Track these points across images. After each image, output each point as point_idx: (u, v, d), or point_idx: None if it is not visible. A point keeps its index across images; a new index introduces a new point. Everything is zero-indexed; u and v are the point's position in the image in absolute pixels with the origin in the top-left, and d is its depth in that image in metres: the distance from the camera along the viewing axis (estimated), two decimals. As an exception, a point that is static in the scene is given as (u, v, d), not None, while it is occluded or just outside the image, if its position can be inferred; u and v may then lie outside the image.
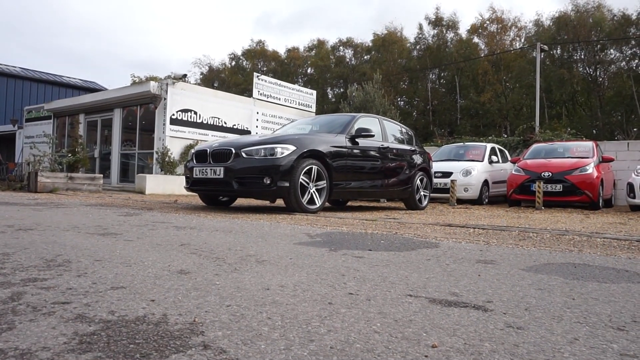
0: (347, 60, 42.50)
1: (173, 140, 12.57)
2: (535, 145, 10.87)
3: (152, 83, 12.33)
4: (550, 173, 9.11)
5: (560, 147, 10.51)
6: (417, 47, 38.55)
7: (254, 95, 15.07)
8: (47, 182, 9.54)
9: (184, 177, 12.07)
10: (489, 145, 11.61)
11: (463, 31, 37.21)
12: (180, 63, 76.12)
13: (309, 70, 44.83)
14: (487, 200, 10.69)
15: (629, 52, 31.36)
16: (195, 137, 13.10)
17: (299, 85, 46.04)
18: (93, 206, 5.95)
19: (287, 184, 5.37)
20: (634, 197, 8.51)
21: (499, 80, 35.28)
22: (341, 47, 42.76)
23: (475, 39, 37.08)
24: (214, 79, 47.06)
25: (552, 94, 33.37)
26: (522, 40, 36.78)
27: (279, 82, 16.43)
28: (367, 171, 6.71)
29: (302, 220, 4.74)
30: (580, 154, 9.81)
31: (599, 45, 32.38)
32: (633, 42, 31.59)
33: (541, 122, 33.60)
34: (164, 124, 12.44)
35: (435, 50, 36.84)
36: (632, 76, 29.20)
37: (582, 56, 32.69)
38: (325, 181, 5.83)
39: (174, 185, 11.95)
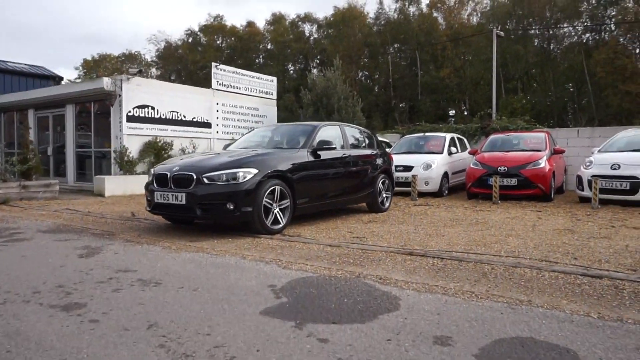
0: (307, 35, 41.81)
1: (131, 138, 12.19)
2: (492, 137, 11.23)
3: (106, 79, 11.82)
4: (505, 167, 9.48)
5: (515, 138, 10.90)
6: (378, 21, 38.32)
7: (213, 86, 14.71)
8: (-1, 193, 9.13)
9: (143, 177, 11.91)
10: (448, 136, 11.90)
11: (424, 6, 37.22)
12: (133, 38, 72.63)
13: (268, 46, 43.88)
14: (446, 192, 11.03)
15: (581, 27, 32.33)
16: (154, 133, 12.74)
17: (259, 62, 45.13)
18: (50, 234, 5.78)
19: (250, 209, 5.39)
20: (582, 190, 9.01)
21: (457, 56, 35.74)
22: (300, 23, 41.96)
23: (435, 14, 37.18)
24: (171, 55, 45.38)
25: (508, 68, 34.17)
26: (479, 15, 37.18)
27: (238, 70, 16.07)
28: (330, 183, 6.80)
29: (268, 249, 4.80)
30: (534, 146, 10.22)
31: (552, 20, 33.19)
32: (584, 17, 32.55)
33: (498, 96, 34.52)
34: (121, 122, 12.01)
35: (396, 25, 36.76)
36: (583, 50, 30.21)
37: (537, 31, 33.45)
38: (288, 199, 5.88)
39: (134, 185, 11.69)
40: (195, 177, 5.40)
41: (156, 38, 60.50)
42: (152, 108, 12.70)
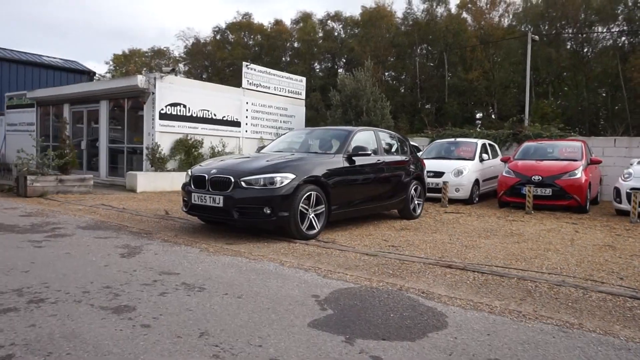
0: (335, 34, 41.71)
1: (162, 136, 12.39)
2: (525, 145, 11.00)
3: (140, 77, 12.03)
4: (540, 177, 9.28)
5: (549, 147, 10.66)
6: (406, 22, 37.95)
7: (243, 85, 14.83)
8: (37, 186, 9.40)
9: (174, 174, 12.10)
10: (480, 142, 11.72)
11: (453, 6, 36.71)
12: (160, 34, 73.84)
13: (295, 44, 43.95)
14: (477, 199, 10.87)
15: (616, 30, 31.38)
16: (185, 131, 12.92)
17: (286, 60, 45.26)
18: (90, 231, 5.91)
19: (287, 214, 5.42)
20: (620, 202, 8.76)
21: (487, 58, 35.14)
22: (329, 21, 41.90)
23: (464, 14, 36.63)
24: (199, 52, 45.92)
25: (539, 72, 33.41)
26: (511, 16, 36.46)
27: (268, 70, 16.15)
28: (364, 189, 6.78)
29: (305, 255, 4.81)
30: (569, 156, 9.98)
31: (587, 23, 32.29)
32: (620, 19, 31.58)
33: (529, 101, 33.80)
34: (153, 119, 12.22)
35: (424, 26, 36.36)
36: (618, 54, 29.32)
37: (570, 34, 32.61)
38: (323, 205, 5.88)
39: (165, 182, 11.90)
40: (233, 180, 5.45)
41: (185, 35, 61.35)
42: (184, 106, 12.88)
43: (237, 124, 14.56)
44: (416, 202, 8.08)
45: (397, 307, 3.25)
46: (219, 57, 44.52)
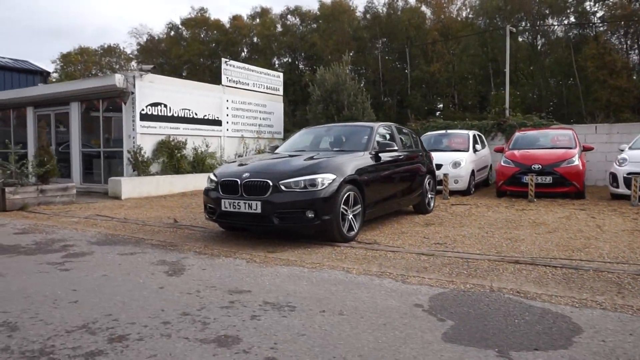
0: (295, 29, 41.22)
1: (144, 138, 11.67)
2: (517, 134, 11.19)
3: (118, 76, 11.23)
4: (540, 165, 9.43)
5: (541, 135, 10.89)
6: (367, 15, 38.07)
7: (222, 82, 14.25)
8: (17, 198, 8.56)
9: (158, 178, 11.44)
10: (471, 133, 11.82)
11: (412, 0, 37.17)
12: (103, 31, 70.33)
13: (255, 40, 43.11)
14: (473, 189, 10.96)
15: (568, 23, 32.86)
16: (167, 131, 12.24)
17: (244, 56, 44.29)
18: (108, 247, 5.38)
19: (330, 217, 5.12)
20: (617, 187, 9.04)
21: (447, 50, 35.87)
22: (289, 16, 41.37)
23: (424, 8, 37.20)
24: (153, 49, 44.13)
25: (498, 63, 34.47)
26: (468, 9, 37.39)
27: (246, 66, 15.62)
28: (390, 186, 6.59)
29: (361, 260, 4.54)
30: (563, 144, 10.22)
31: (540, 16, 33.63)
32: (570, 13, 33.10)
33: (488, 91, 34.81)
34: (134, 121, 11.48)
35: (385, 19, 36.60)
36: (571, 45, 30.71)
37: (525, 26, 33.85)
38: (360, 205, 5.63)
39: (150, 187, 11.24)
40: (271, 184, 5.09)
41: (137, 31, 58.82)
42: (165, 106, 12.19)
43: (218, 122, 13.99)
44: (429, 196, 7.98)
45: (512, 312, 3.07)
46: (175, 54, 43.00)
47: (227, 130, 14.35)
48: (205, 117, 13.50)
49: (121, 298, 3.47)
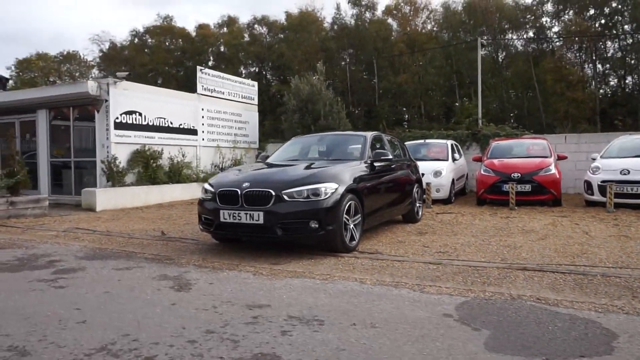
0: (262, 39, 41.11)
1: (118, 147, 11.24)
2: (494, 144, 11.48)
3: (91, 83, 10.80)
4: (519, 174, 9.70)
5: (517, 145, 11.24)
6: (335, 27, 38.46)
7: (198, 91, 13.97)
8: (-16, 211, 8.02)
9: (134, 189, 11.02)
10: (449, 143, 12.04)
11: (380, 12, 37.88)
12: (68, 38, 67.84)
13: (221, 49, 42.66)
14: (453, 198, 11.15)
15: (526, 38, 34.33)
16: (142, 141, 11.85)
17: (207, 66, 43.75)
18: (98, 261, 5.09)
19: (333, 227, 5.05)
20: (592, 194, 9.41)
21: (414, 62, 36.69)
22: (256, 25, 41.22)
23: (390, 20, 37.97)
24: (116, 57, 42.88)
25: (462, 75, 35.54)
26: (432, 23, 38.43)
27: (222, 74, 15.40)
28: (385, 195, 6.58)
29: (370, 270, 4.48)
30: (538, 153, 10.57)
31: (500, 30, 34.98)
32: (529, 28, 34.64)
33: (453, 102, 35.79)
34: (108, 129, 11.04)
35: (353, 31, 37.09)
36: (531, 59, 32.07)
37: (488, 39, 35.12)
38: (359, 214, 5.59)
39: (125, 198, 10.82)
40: (274, 193, 4.96)
41: (99, 38, 56.88)
42: (140, 114, 11.81)
43: (193, 132, 13.67)
44: (417, 205, 8.04)
45: (542, 319, 3.08)
46: (140, 62, 41.89)
47: (203, 139, 14.05)
48: (181, 126, 13.17)
49: (133, 316, 3.26)
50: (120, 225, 7.82)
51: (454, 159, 11.53)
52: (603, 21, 31.95)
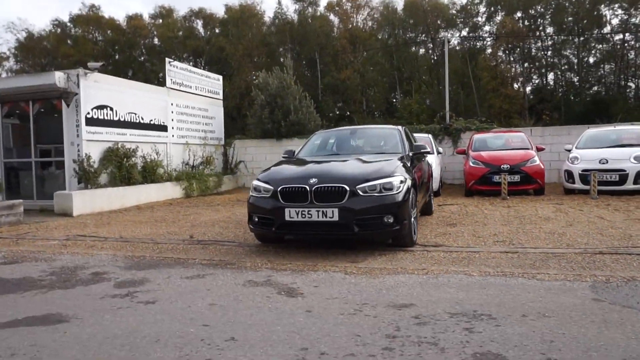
0: (201, 32, 39.61)
1: (90, 145, 10.23)
2: (475, 137, 11.93)
3: (58, 74, 9.68)
4: (508, 165, 10.18)
5: (497, 138, 11.77)
6: (277, 21, 38.00)
7: (167, 85, 13.10)
8: (-44, 221, 6.92)
9: (110, 190, 10.08)
10: (430, 137, 12.34)
11: (322, 8, 38.01)
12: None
13: (155, 42, 40.51)
14: (440, 190, 11.45)
15: (461, 36, 36.27)
16: (114, 138, 10.89)
17: (143, 59, 41.35)
18: (154, 271, 4.57)
19: (407, 221, 4.95)
20: (573, 183, 10.09)
21: (356, 58, 37.28)
22: (193, 18, 39.58)
23: (332, 17, 38.25)
24: (33, 48, 39.11)
25: (402, 72, 36.75)
26: (372, 20, 39.27)
27: (188, 67, 14.58)
28: (421, 187, 6.57)
29: (458, 262, 4.44)
30: (519, 145, 11.14)
31: (437, 28, 36.60)
32: (462, 27, 36.59)
33: (395, 97, 36.88)
34: (78, 126, 10.00)
35: (296, 26, 36.89)
36: (467, 56, 33.89)
37: (428, 38, 36.60)
38: (416, 208, 5.54)
39: (102, 201, 9.93)
40: (348, 189, 4.75)
41: (15, 26, 51.53)
42: (111, 109, 10.85)
43: (163, 128, 12.82)
44: (432, 197, 8.14)
45: (687, 300, 3.21)
46: (62, 54, 38.61)
47: (173, 136, 13.23)
48: (152, 122, 12.28)
49: (282, 328, 2.94)
50: (120, 231, 7.10)
51: (438, 152, 11.83)
52: (527, 23, 34.56)
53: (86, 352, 2.69)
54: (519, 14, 33.91)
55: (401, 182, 4.98)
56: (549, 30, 33.78)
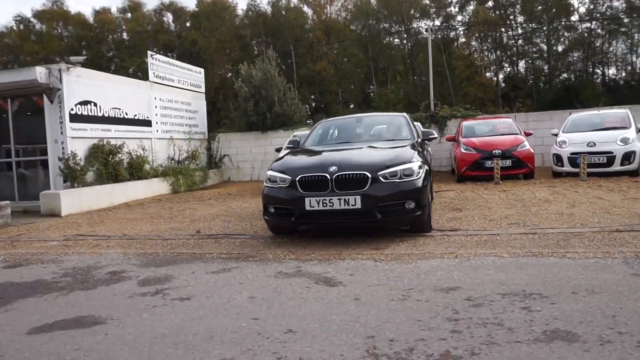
0: (172, 26, 38.64)
1: (75, 142, 9.84)
2: (464, 124, 12.05)
3: (39, 69, 9.22)
4: (500, 150, 10.32)
5: (486, 124, 11.93)
6: (250, 13, 37.45)
7: (150, 79, 12.71)
8: (-58, 226, 6.53)
9: (98, 187, 9.73)
10: (419, 124, 12.39)
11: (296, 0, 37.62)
12: None
13: (124, 36, 39.32)
14: (433, 177, 11.53)
15: (434, 24, 36.58)
16: (99, 134, 10.51)
17: (112, 54, 40.05)
18: (172, 267, 4.42)
19: (427, 206, 4.95)
20: (562, 166, 10.32)
21: (330, 50, 37.17)
22: (163, 11, 38.55)
23: (305, 8, 37.96)
24: (-6, 44, 37.39)
25: (377, 63, 36.87)
26: (346, 12, 39.17)
27: (170, 60, 14.18)
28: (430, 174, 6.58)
29: (483, 245, 4.46)
30: (508, 130, 11.31)
31: (408, 19, 36.82)
32: (435, 16, 36.94)
33: (371, 87, 36.97)
34: (62, 122, 9.59)
35: (270, 18, 36.44)
36: (442, 46, 34.25)
37: (401, 28, 36.77)
38: (430, 193, 5.54)
39: (91, 199, 9.60)
40: (370, 176, 4.69)
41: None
42: (95, 104, 10.46)
43: (148, 123, 12.46)
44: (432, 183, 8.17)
45: None
46: (26, 51, 37.04)
47: (157, 131, 12.88)
48: (136, 117, 11.92)
49: (338, 318, 2.87)
50: (118, 229, 6.86)
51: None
52: (498, 12, 35.16)
53: (139, 353, 2.55)
54: (490, 4, 34.48)
55: (419, 167, 4.97)
56: (520, 19, 34.49)
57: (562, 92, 30.52)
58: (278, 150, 12.04)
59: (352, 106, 36.86)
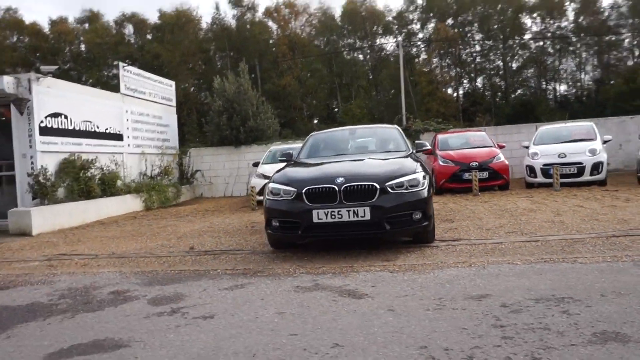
0: (135, 38, 37.75)
1: (45, 156, 9.33)
2: (440, 137, 12.34)
3: (7, 78, 8.71)
4: (477, 163, 10.62)
5: (460, 137, 12.26)
6: (214, 27, 37.15)
7: (121, 91, 12.30)
8: None
9: (70, 205, 9.25)
10: (396, 138, 12.59)
11: (260, 14, 37.70)
12: None
13: (82, 48, 38.02)
14: (411, 189, 11.69)
15: (394, 40, 37.57)
16: (70, 148, 10.02)
17: (68, 67, 38.57)
18: (179, 285, 4.22)
19: (432, 216, 4.99)
20: (535, 177, 10.72)
21: (295, 65, 37.36)
22: (125, 23, 37.61)
23: (270, 23, 38.07)
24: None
25: (342, 78, 37.36)
26: (310, 27, 39.60)
27: (142, 72, 13.75)
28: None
29: (490, 253, 4.53)
30: (482, 143, 11.67)
31: (374, 35, 37.68)
32: (397, 34, 37.96)
33: (334, 103, 37.36)
34: (31, 135, 9.09)
35: (234, 32, 36.28)
36: (404, 62, 35.12)
37: (365, 44, 37.52)
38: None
39: (62, 217, 9.11)
40: (378, 186, 4.68)
41: None
42: (66, 117, 10.00)
43: (119, 137, 12.01)
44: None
45: None
46: (-25, 62, 35.07)
47: (129, 145, 12.44)
48: (107, 131, 11.47)
49: (380, 330, 2.81)
50: (101, 248, 6.53)
51: (405, 153, 12.09)
52: (457, 30, 36.57)
53: (182, 375, 2.39)
54: (449, 21, 35.81)
55: (424, 177, 5.02)
56: (478, 37, 36.00)
57: (518, 107, 31.90)
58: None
59: (316, 121, 37.08)
